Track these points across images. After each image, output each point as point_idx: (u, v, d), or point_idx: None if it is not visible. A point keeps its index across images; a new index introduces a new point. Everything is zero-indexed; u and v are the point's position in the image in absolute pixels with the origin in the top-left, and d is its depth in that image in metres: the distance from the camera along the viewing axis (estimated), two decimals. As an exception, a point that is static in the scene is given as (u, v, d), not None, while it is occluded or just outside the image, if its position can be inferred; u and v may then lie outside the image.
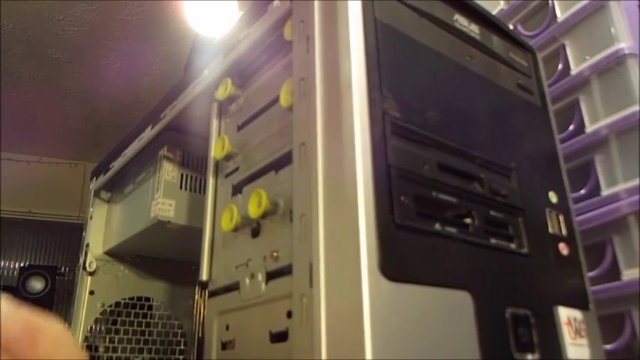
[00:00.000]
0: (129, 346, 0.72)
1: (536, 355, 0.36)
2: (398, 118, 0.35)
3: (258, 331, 0.38)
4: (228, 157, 0.48)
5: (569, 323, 0.40)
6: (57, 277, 2.74)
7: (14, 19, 2.18)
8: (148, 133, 0.66)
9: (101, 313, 0.72)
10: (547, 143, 0.49)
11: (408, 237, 0.32)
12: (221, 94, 0.50)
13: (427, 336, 0.31)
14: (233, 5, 1.68)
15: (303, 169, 0.35)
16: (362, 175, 0.31)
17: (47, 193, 3.16)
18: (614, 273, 0.57)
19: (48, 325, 0.28)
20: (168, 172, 0.64)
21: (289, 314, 0.35)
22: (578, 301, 0.43)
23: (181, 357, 0.73)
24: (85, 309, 0.71)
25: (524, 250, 0.40)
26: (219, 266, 0.45)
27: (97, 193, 0.80)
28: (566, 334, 0.39)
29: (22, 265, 2.99)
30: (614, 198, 0.58)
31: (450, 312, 0.32)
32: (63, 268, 3.04)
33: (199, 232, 0.48)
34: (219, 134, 0.51)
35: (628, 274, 0.56)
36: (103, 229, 0.78)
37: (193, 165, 0.66)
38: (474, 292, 0.34)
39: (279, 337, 0.36)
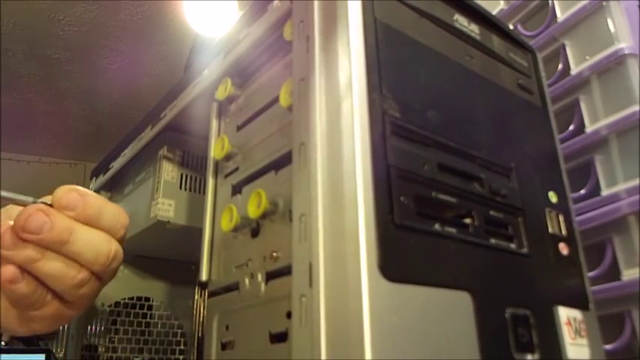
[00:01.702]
0: (129, 346, 0.72)
1: (536, 356, 0.36)
2: (398, 118, 0.35)
3: (257, 332, 0.38)
4: (227, 157, 0.48)
5: (569, 323, 0.40)
6: (57, 277, 2.73)
7: (14, 19, 2.18)
8: (148, 134, 0.66)
9: (101, 313, 0.72)
10: (547, 143, 0.49)
11: (408, 237, 0.32)
12: (221, 94, 0.50)
13: (427, 336, 0.31)
14: (233, 5, 1.68)
15: (303, 169, 0.35)
16: (361, 175, 0.31)
17: (47, 193, 3.16)
18: (614, 273, 0.57)
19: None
20: (168, 172, 0.64)
21: (289, 314, 0.35)
22: (578, 301, 0.43)
23: (181, 357, 0.73)
24: (84, 309, 0.71)
25: (524, 250, 0.40)
26: (218, 266, 0.45)
27: (96, 193, 0.80)
28: (566, 334, 0.39)
29: (22, 265, 2.98)
30: (614, 198, 0.58)
31: (449, 312, 0.32)
32: (63, 268, 3.03)
33: (199, 232, 0.48)
34: (218, 134, 0.51)
35: (628, 274, 0.56)
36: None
37: (193, 165, 0.66)
38: (473, 293, 0.34)
39: (279, 337, 0.36)
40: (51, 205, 0.35)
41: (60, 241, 0.34)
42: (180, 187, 0.64)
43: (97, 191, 0.79)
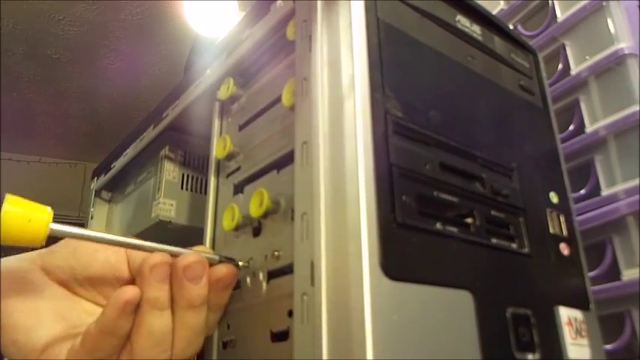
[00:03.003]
0: (129, 346, 0.72)
1: (537, 355, 0.36)
2: (400, 118, 0.35)
3: (259, 331, 0.38)
4: (229, 157, 0.48)
5: (569, 323, 0.40)
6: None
7: (14, 19, 2.18)
8: (150, 133, 0.66)
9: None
10: (548, 144, 0.49)
11: (410, 236, 0.33)
12: (223, 93, 0.51)
13: (428, 335, 0.31)
14: (233, 5, 1.68)
15: (305, 168, 0.35)
16: (363, 174, 0.31)
17: (47, 193, 3.16)
18: (614, 273, 0.57)
19: None
20: (170, 172, 0.64)
21: (290, 313, 0.35)
22: (578, 302, 0.43)
23: (182, 357, 0.73)
24: (85, 308, 0.71)
25: (525, 250, 0.40)
26: (220, 265, 0.45)
27: (97, 193, 0.80)
28: (567, 334, 0.40)
29: (21, 264, 2.98)
30: (614, 198, 0.58)
31: (450, 311, 0.33)
32: (63, 268, 3.03)
33: (200, 232, 0.48)
34: (220, 134, 0.52)
35: (628, 274, 0.56)
36: (103, 229, 0.78)
37: (194, 165, 0.66)
38: (474, 292, 0.34)
39: (280, 336, 0.36)
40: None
41: (191, 303, 0.31)
42: (182, 187, 0.64)
43: (99, 191, 0.80)
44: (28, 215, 0.28)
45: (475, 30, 0.47)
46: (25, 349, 0.30)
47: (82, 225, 0.79)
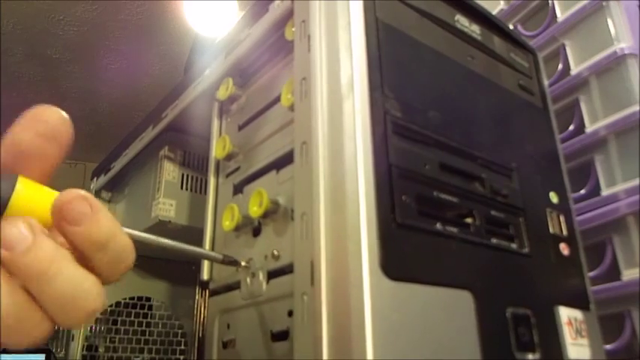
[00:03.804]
0: (129, 346, 0.72)
1: (537, 355, 0.36)
2: (399, 118, 0.35)
3: (259, 330, 0.38)
4: (229, 157, 0.48)
5: (569, 323, 0.40)
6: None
7: (14, 19, 2.18)
8: (149, 133, 0.66)
9: (102, 313, 0.72)
10: (548, 144, 0.49)
11: (410, 236, 0.33)
12: (222, 93, 0.51)
13: (428, 335, 0.31)
14: (233, 5, 1.68)
15: (305, 168, 0.35)
16: (363, 174, 0.31)
17: (47, 194, 3.15)
18: (614, 273, 0.57)
19: None
20: (169, 172, 0.64)
21: (290, 313, 0.35)
22: (578, 302, 0.43)
23: (182, 357, 0.73)
24: (85, 309, 0.71)
25: (525, 250, 0.40)
26: (220, 265, 0.45)
27: (97, 193, 0.80)
28: (567, 334, 0.39)
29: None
30: (614, 198, 0.58)
31: (451, 311, 0.32)
32: (63, 268, 3.03)
33: (200, 232, 0.48)
34: (220, 134, 0.52)
35: (628, 274, 0.56)
36: (103, 229, 0.78)
37: (194, 165, 0.66)
38: (475, 292, 0.34)
39: (280, 336, 0.36)
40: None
41: (36, 273, 0.22)
42: (182, 187, 0.64)
43: (99, 191, 0.79)
44: (48, 202, 0.26)
45: (474, 30, 0.47)
46: None
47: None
